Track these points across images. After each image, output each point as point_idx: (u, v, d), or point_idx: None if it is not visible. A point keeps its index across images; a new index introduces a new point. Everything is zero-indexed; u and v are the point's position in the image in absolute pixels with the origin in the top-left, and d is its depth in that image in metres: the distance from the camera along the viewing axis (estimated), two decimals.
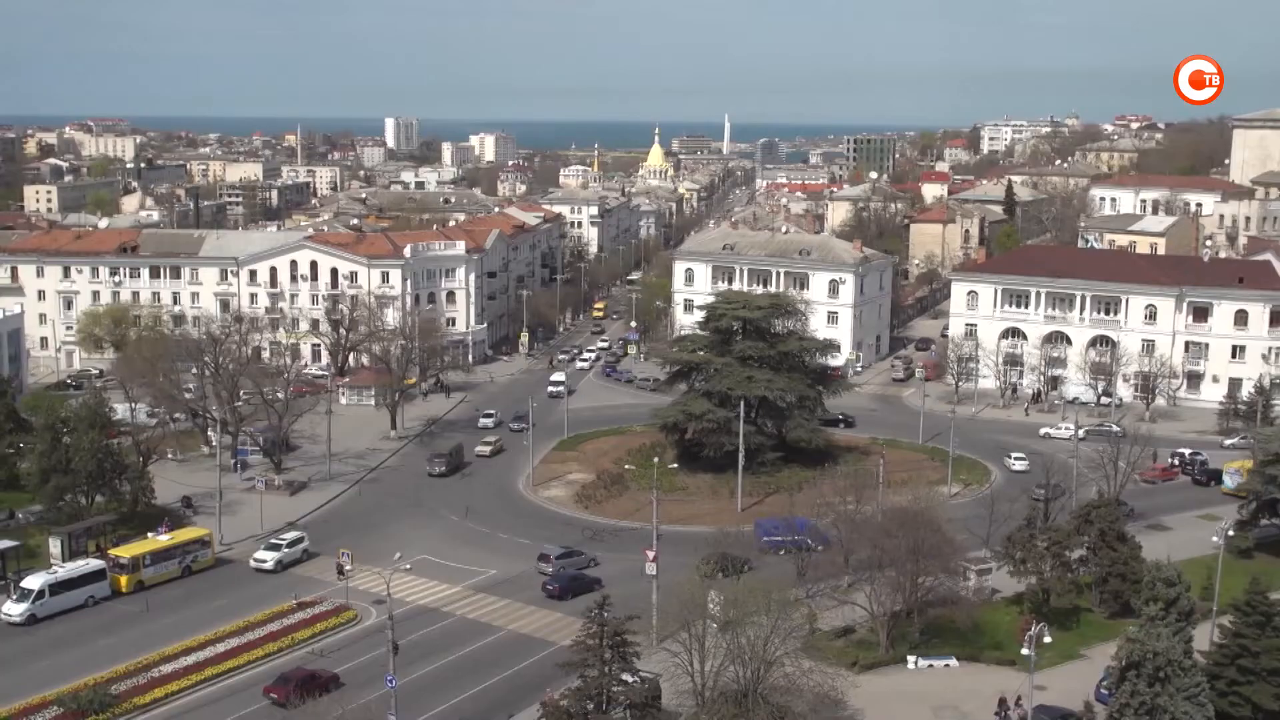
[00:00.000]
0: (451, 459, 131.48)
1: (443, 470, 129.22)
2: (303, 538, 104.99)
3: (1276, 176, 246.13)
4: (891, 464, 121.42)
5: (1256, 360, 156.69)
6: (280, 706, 76.09)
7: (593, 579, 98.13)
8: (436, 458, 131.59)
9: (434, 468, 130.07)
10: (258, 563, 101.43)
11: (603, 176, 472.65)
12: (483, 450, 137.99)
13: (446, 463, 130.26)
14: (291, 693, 75.60)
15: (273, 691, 77.30)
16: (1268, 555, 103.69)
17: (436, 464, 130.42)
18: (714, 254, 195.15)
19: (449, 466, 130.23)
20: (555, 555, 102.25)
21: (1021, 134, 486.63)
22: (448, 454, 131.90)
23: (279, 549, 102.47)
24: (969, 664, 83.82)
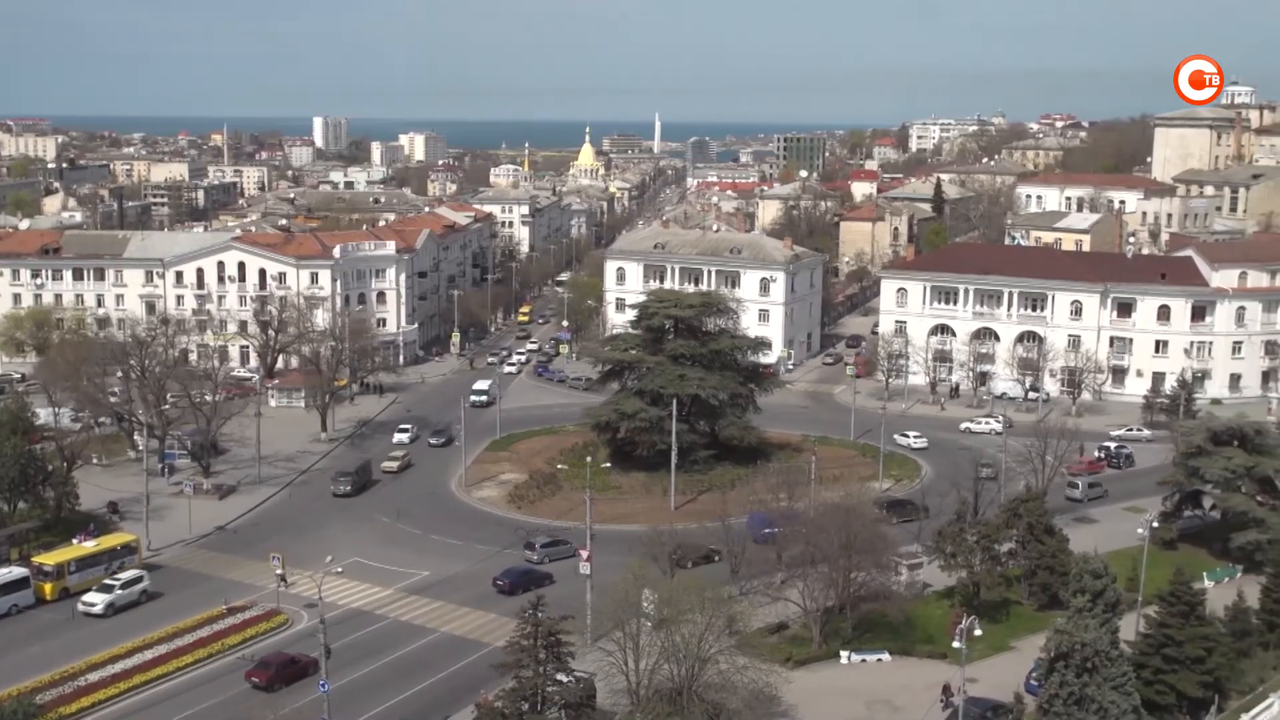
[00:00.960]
0: (358, 477, 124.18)
1: (348, 490, 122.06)
2: (142, 576, 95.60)
3: (1196, 174, 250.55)
4: (823, 461, 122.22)
5: (1179, 355, 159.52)
6: (263, 690, 77.68)
7: (544, 574, 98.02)
8: (342, 476, 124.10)
9: (339, 487, 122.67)
10: (86, 606, 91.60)
11: (533, 176, 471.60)
12: (390, 466, 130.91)
13: (352, 482, 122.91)
14: (273, 677, 78.27)
15: (254, 676, 78.90)
16: (1191, 546, 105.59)
17: (341, 483, 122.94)
18: (645, 253, 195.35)
19: (355, 486, 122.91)
20: (540, 544, 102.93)
21: (949, 133, 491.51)
22: (354, 472, 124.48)
23: (111, 590, 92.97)
24: (901, 658, 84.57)
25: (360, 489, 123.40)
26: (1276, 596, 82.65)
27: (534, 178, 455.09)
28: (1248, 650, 77.96)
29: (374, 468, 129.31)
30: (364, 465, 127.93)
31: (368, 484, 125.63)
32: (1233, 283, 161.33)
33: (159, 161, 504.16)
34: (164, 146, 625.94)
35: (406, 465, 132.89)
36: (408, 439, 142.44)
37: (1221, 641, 76.41)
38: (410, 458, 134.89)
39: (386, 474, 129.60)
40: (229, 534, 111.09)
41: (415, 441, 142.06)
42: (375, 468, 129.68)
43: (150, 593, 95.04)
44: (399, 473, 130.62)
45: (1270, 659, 77.08)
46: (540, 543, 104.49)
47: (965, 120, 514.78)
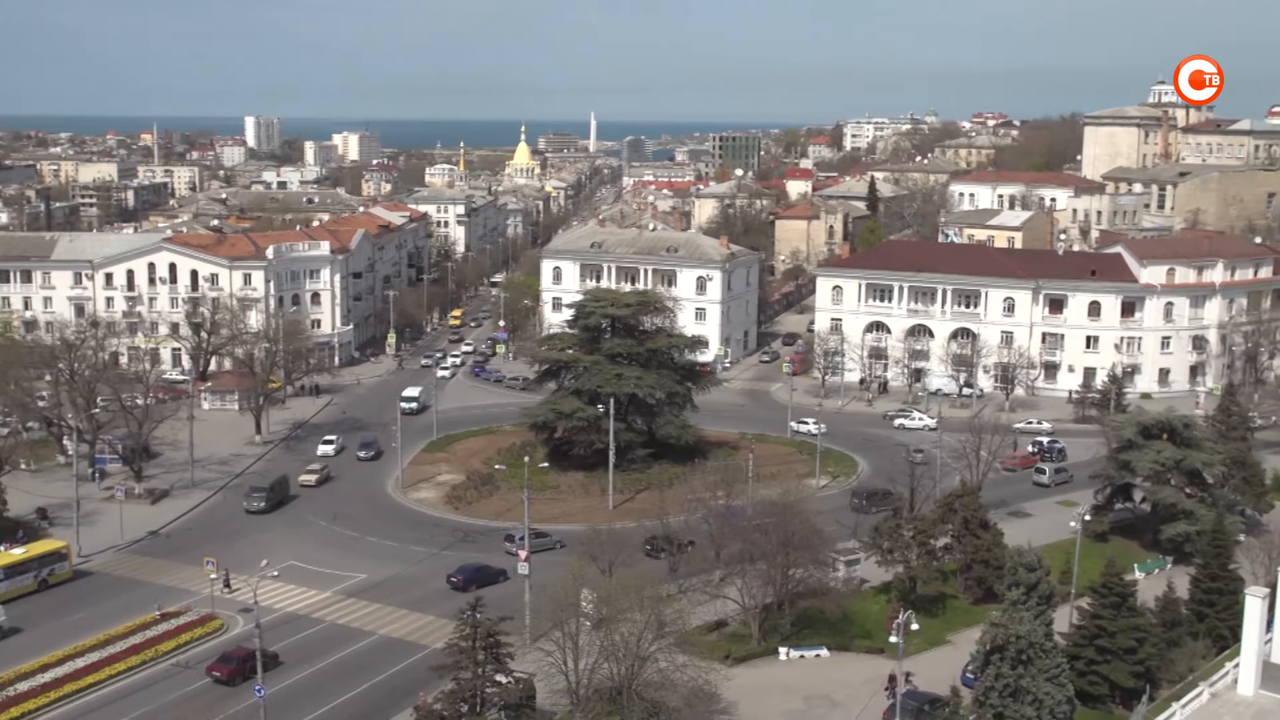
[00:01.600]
0: (273, 493, 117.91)
1: (261, 507, 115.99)
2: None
3: (1125, 172, 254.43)
4: (760, 458, 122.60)
5: (1109, 350, 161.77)
6: (225, 684, 78.60)
7: (497, 570, 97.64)
8: (255, 492, 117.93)
9: (252, 504, 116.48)
10: None
11: (469, 175, 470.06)
12: (307, 480, 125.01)
13: (266, 498, 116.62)
14: (235, 671, 78.88)
15: (215, 670, 79.32)
16: (1122, 538, 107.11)
17: (255, 499, 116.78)
18: (582, 252, 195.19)
19: (269, 502, 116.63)
20: (519, 536, 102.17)
21: (883, 131, 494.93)
22: (268, 488, 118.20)
23: None
24: (839, 653, 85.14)
25: (276, 505, 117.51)
26: (1205, 587, 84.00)
27: (469, 177, 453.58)
28: (1178, 640, 79.18)
29: (291, 481, 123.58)
30: (280, 480, 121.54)
31: (284, 499, 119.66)
32: (1161, 279, 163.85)
33: (87, 162, 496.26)
34: (92, 146, 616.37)
35: (326, 478, 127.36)
36: (333, 450, 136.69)
37: (1152, 632, 77.61)
38: (330, 470, 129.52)
39: (305, 488, 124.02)
40: (162, 539, 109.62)
41: (341, 453, 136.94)
42: (294, 481, 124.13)
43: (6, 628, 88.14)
44: (317, 486, 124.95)
45: (1199, 648, 78.28)
46: (520, 535, 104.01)
47: (899, 119, 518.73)
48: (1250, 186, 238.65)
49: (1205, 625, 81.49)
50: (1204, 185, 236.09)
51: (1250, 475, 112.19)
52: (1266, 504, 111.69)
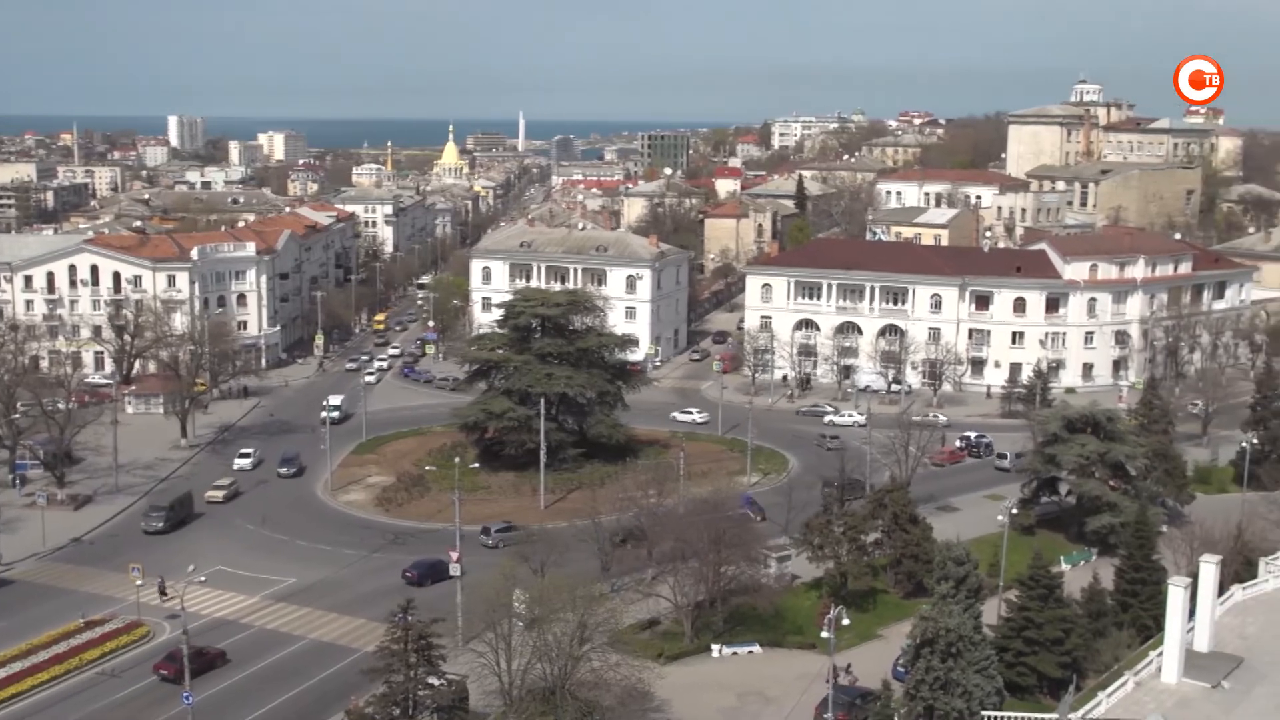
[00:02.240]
0: (174, 512, 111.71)
1: (160, 527, 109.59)
2: None
3: (1048, 170, 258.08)
4: (692, 456, 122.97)
5: (1035, 345, 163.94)
6: (171, 682, 77.41)
7: (437, 562, 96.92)
8: (154, 511, 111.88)
9: (150, 524, 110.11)
10: None
11: (396, 175, 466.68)
12: (214, 496, 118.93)
13: (166, 517, 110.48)
14: (182, 669, 76.38)
15: (162, 668, 78.71)
16: (1048, 531, 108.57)
17: (154, 519, 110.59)
18: (511, 251, 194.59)
19: (168, 522, 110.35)
20: (495, 529, 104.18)
21: (811, 130, 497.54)
22: (168, 506, 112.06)
23: None
24: (772, 649, 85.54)
25: (177, 524, 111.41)
26: (1129, 578, 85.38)
27: (397, 177, 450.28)
28: (1103, 630, 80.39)
29: (196, 498, 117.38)
30: (182, 498, 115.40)
31: (186, 518, 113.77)
32: (1084, 275, 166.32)
33: (4, 162, 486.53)
34: (9, 146, 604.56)
35: (234, 494, 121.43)
36: (249, 464, 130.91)
37: (1079, 623, 78.74)
38: (239, 485, 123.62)
39: (211, 504, 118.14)
40: (85, 545, 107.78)
41: (259, 466, 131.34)
42: (199, 497, 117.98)
43: None
44: (225, 503, 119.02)
45: (1124, 638, 79.53)
46: (495, 528, 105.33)
47: (826, 118, 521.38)
48: (1170, 184, 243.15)
49: (1130, 615, 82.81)
50: (1125, 183, 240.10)
51: (1172, 467, 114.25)
52: (1188, 495, 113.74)
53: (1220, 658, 63.94)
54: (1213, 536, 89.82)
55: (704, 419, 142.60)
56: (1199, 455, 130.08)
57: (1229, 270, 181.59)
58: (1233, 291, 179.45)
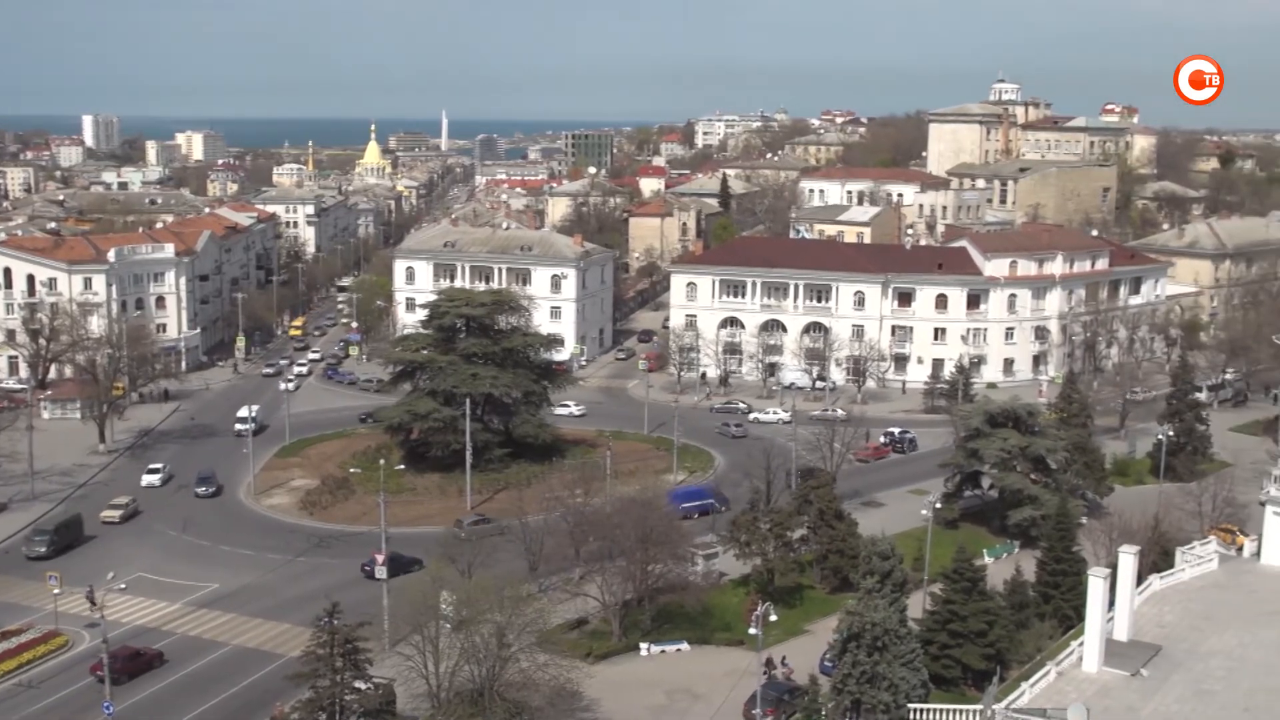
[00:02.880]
0: (58, 536, 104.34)
1: (44, 552, 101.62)
2: None
3: (969, 168, 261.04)
4: (618, 455, 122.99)
5: (956, 342, 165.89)
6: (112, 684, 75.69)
7: (411, 559, 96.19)
8: (38, 536, 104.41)
9: (33, 549, 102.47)
10: None
11: (318, 175, 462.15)
12: (110, 516, 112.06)
13: (49, 542, 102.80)
14: (119, 670, 77.18)
15: (99, 670, 76.37)
16: (972, 524, 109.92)
17: (37, 544, 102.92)
18: (435, 251, 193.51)
19: (51, 546, 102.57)
20: (468, 522, 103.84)
21: (734, 129, 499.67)
22: (52, 531, 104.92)
23: None
24: (700, 647, 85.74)
25: (63, 549, 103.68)
26: (1051, 569, 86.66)
27: (319, 177, 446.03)
28: (1026, 622, 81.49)
29: (89, 520, 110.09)
30: (70, 521, 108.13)
31: (75, 542, 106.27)
32: (1004, 271, 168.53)
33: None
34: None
35: (132, 514, 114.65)
36: (158, 480, 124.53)
37: (1002, 615, 79.73)
38: (138, 504, 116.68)
39: (107, 524, 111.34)
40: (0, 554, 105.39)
41: (168, 483, 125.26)
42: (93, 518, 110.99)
43: None
44: (122, 523, 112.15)
45: (1046, 629, 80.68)
46: (469, 521, 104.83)
47: (749, 116, 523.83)
48: (1086, 181, 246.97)
49: (1051, 606, 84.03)
50: (1043, 180, 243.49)
51: (1091, 460, 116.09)
52: (1106, 487, 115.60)
53: (1139, 646, 65.05)
54: (1131, 527, 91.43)
55: (581, 411, 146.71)
56: (1117, 448, 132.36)
57: (1144, 266, 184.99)
58: (1148, 287, 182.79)
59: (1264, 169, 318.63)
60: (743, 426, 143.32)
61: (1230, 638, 66.83)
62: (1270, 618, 69.83)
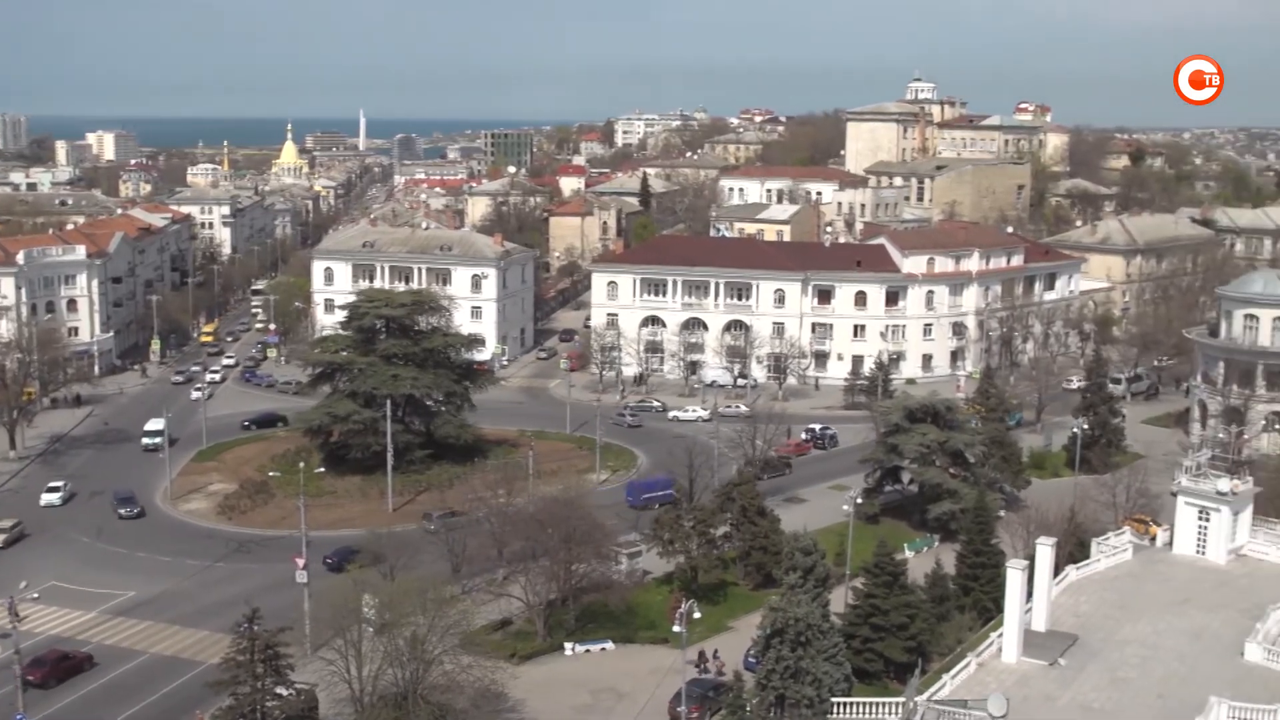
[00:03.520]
0: None
1: None
2: None
3: (886, 166, 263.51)
4: (541, 455, 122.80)
5: (876, 338, 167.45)
6: (38, 688, 76.56)
7: (354, 551, 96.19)
8: None
9: None
10: None
11: (234, 175, 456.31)
12: None
13: None
14: (48, 674, 78.20)
15: (29, 674, 76.22)
16: (892, 519, 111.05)
17: None
18: (354, 252, 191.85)
19: None
20: (437, 515, 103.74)
21: (654, 128, 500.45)
22: None
23: None
24: (624, 645, 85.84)
25: None
26: (970, 562, 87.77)
27: (234, 177, 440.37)
28: (946, 614, 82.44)
29: None
30: None
31: None
32: (922, 268, 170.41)
33: None
34: None
35: (18, 537, 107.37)
36: (59, 499, 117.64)
37: (923, 608, 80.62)
38: (24, 527, 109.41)
39: None
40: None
41: (69, 502, 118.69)
42: None
43: None
44: (5, 548, 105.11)
45: (966, 621, 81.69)
46: (437, 514, 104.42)
47: (669, 115, 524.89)
48: (1001, 179, 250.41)
49: (971, 599, 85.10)
50: (959, 178, 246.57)
51: (1008, 454, 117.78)
52: (1023, 480, 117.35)
53: (1057, 636, 66.05)
54: (1048, 520, 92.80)
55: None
56: (1033, 441, 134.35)
57: (1058, 262, 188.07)
58: (1062, 282, 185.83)
59: (1173, 166, 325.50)
60: (637, 416, 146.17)
61: (1144, 626, 68.08)
62: (1182, 606, 71.23)
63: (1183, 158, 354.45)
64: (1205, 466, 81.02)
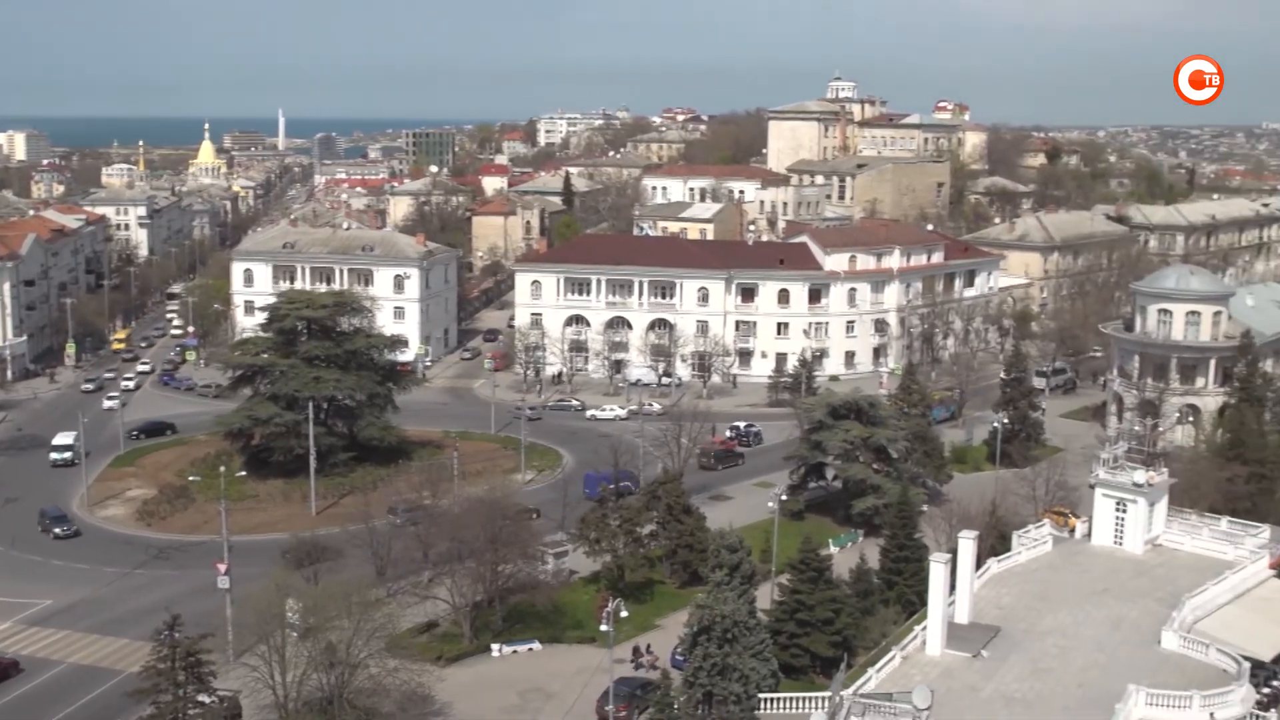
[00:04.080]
0: None
1: None
2: None
3: (807, 165, 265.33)
4: (466, 456, 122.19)
5: (799, 336, 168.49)
6: None
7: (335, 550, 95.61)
8: None
9: None
10: None
11: (150, 175, 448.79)
12: None
13: None
14: None
15: None
16: (817, 515, 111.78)
17: None
18: (274, 253, 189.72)
19: None
20: (403, 509, 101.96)
21: (576, 126, 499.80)
22: None
23: None
24: (552, 645, 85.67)
25: None
26: (894, 556, 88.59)
27: (150, 177, 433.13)
28: (871, 609, 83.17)
29: None
30: None
31: None
32: (844, 266, 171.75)
33: None
34: None
35: None
36: None
37: (848, 603, 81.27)
38: None
39: None
40: None
41: None
42: None
43: None
44: None
45: (891, 615, 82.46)
46: (402, 508, 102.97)
47: (591, 114, 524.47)
48: (921, 177, 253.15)
49: (895, 592, 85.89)
50: (880, 176, 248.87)
51: (930, 449, 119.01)
52: (946, 475, 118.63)
53: (979, 628, 66.91)
54: (969, 513, 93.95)
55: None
56: (955, 436, 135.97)
57: (978, 259, 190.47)
58: (981, 279, 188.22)
59: (1088, 164, 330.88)
60: (535, 409, 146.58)
61: (1065, 616, 69.15)
62: (1101, 596, 72.44)
63: (1098, 156, 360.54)
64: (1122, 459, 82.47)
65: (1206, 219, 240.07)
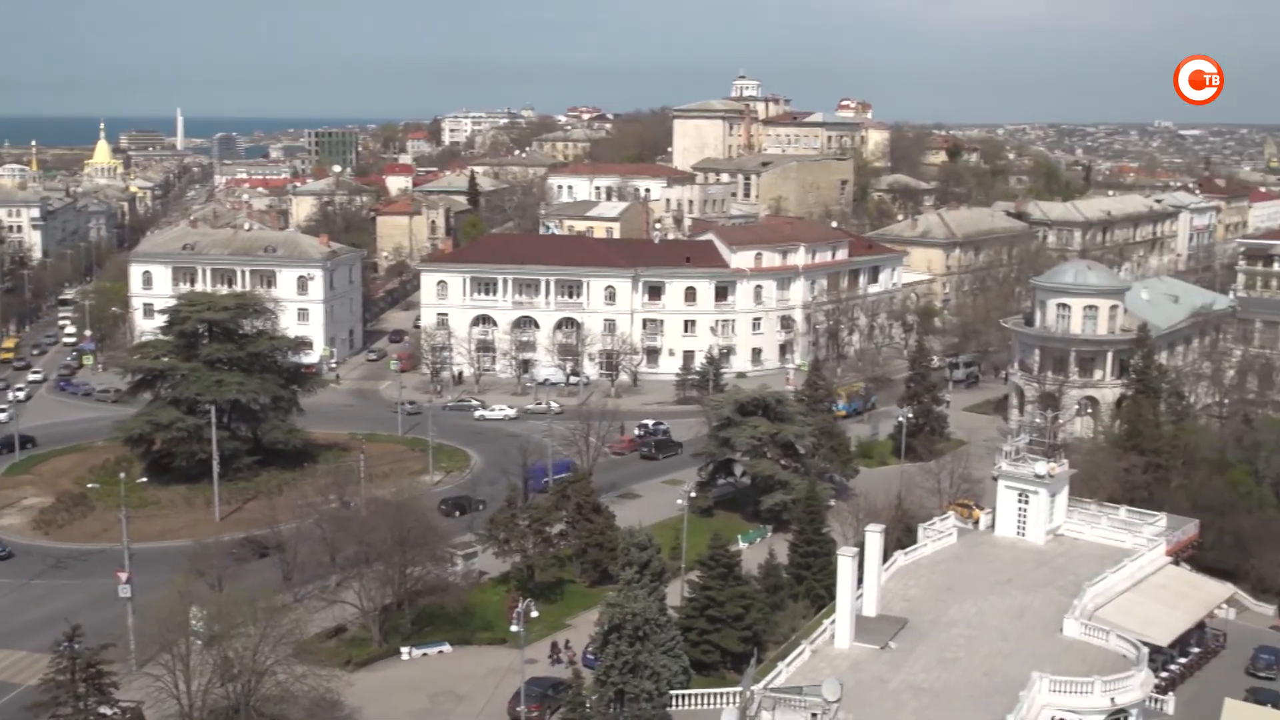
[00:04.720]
0: None
1: None
2: None
3: (713, 163, 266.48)
4: (373, 458, 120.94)
5: (706, 333, 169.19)
6: None
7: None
8: None
9: None
10: None
11: (43, 176, 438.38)
12: None
13: None
14: None
15: None
16: (726, 511, 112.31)
17: None
18: (173, 255, 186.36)
19: None
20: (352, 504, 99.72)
21: (481, 126, 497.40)
22: None
23: None
24: (462, 647, 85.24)
25: None
26: (802, 551, 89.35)
27: (44, 178, 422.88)
28: (780, 604, 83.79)
29: None
30: None
31: None
32: (749, 263, 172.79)
33: None
34: None
35: None
36: None
37: (757, 598, 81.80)
38: None
39: None
40: None
41: None
42: None
43: None
44: None
45: (800, 609, 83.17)
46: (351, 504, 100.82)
47: (496, 113, 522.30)
48: (825, 175, 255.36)
49: (804, 587, 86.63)
50: (784, 174, 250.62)
51: (837, 444, 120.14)
52: (852, 470, 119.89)
53: (887, 620, 67.77)
54: (876, 507, 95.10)
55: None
56: (861, 431, 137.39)
57: (881, 255, 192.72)
58: (885, 275, 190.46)
59: (988, 162, 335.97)
60: (416, 404, 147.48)
61: (969, 606, 70.27)
62: (1005, 586, 73.74)
63: (997, 153, 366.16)
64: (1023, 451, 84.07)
65: (1102, 215, 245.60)
